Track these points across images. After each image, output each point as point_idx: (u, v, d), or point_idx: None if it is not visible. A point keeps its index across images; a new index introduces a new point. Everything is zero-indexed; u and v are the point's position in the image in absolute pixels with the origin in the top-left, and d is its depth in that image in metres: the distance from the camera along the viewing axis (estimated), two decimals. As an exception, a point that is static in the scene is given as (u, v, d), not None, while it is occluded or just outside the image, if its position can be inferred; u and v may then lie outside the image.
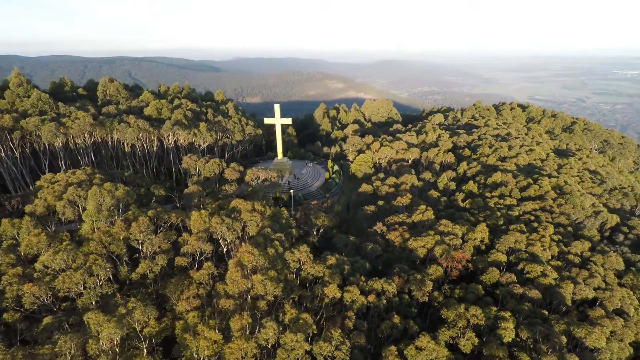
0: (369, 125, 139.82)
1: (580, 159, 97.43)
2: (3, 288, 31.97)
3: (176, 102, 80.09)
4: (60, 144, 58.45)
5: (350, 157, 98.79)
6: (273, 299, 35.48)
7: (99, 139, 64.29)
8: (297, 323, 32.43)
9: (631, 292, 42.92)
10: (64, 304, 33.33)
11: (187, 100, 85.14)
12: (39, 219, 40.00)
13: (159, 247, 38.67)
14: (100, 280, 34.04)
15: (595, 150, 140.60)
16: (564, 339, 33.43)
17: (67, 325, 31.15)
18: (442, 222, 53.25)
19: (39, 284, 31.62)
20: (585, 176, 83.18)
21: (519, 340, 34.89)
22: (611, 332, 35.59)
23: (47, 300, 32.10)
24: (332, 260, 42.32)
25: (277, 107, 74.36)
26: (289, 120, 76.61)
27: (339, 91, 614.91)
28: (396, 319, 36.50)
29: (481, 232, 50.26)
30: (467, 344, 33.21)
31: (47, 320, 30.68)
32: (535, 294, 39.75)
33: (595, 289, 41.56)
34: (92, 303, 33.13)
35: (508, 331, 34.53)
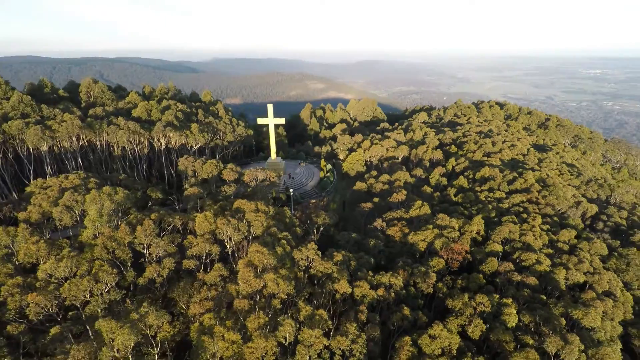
0: (356, 124, 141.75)
1: (557, 153, 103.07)
2: (4, 299, 30.43)
3: (164, 103, 78.19)
4: (46, 148, 55.84)
5: (341, 156, 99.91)
6: (286, 296, 35.67)
7: (86, 142, 61.84)
8: (313, 319, 32.80)
9: (615, 275, 46.07)
10: (71, 313, 32.09)
11: (175, 101, 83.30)
12: (34, 225, 38.16)
13: (165, 250, 37.87)
14: (107, 286, 32.99)
15: (568, 144, 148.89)
16: (563, 321, 35.61)
17: (72, 334, 30.09)
18: (440, 216, 55.05)
19: (43, 294, 30.30)
20: (563, 169, 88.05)
21: (521, 324, 36.76)
22: (603, 312, 38.14)
23: (52, 309, 30.82)
24: (338, 256, 42.93)
25: (270, 107, 74.17)
26: (282, 120, 76.60)
27: (319, 91, 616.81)
28: (406, 311, 37.55)
29: (477, 225, 52.39)
30: (476, 330, 34.72)
31: (54, 330, 29.49)
32: (532, 280, 41.99)
33: (585, 273, 44.35)
34: (100, 310, 32.08)
35: (511, 316, 36.33)
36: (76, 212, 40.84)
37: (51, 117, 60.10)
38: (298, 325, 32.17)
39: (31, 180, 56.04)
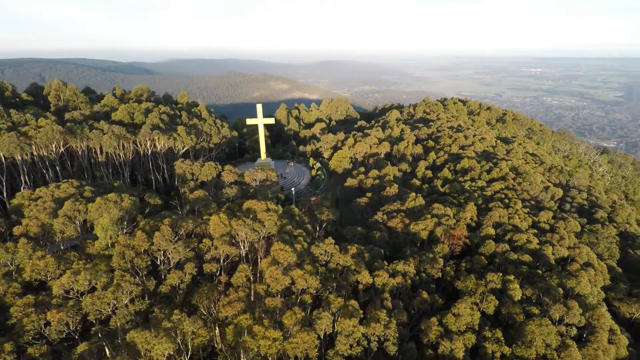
0: (334, 123, 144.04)
1: (520, 144, 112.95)
2: (18, 320, 27.90)
3: (144, 105, 74.33)
4: (22, 157, 50.97)
5: (326, 155, 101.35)
6: (314, 291, 36.34)
7: (62, 149, 57.15)
8: (345, 310, 33.83)
9: (589, 249, 52.26)
10: (94, 328, 30.14)
11: (152, 103, 79.49)
12: (33, 239, 35.03)
13: (184, 255, 36.70)
14: (131, 296, 31.43)
15: (524, 136, 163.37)
16: (560, 290, 40.01)
17: (101, 349, 28.45)
18: (435, 206, 58.55)
19: (65, 310, 28.25)
20: (528, 158, 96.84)
21: (525, 297, 40.65)
22: (588, 280, 43.34)
23: (75, 326, 28.81)
24: (353, 249, 44.29)
25: (259, 107, 73.53)
26: (271, 120, 76.24)
27: (284, 92, 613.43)
28: (425, 295, 39.94)
29: (470, 211, 56.55)
30: (490, 306, 37.93)
31: (82, 347, 27.69)
32: (526, 257, 46.48)
33: (567, 248, 49.87)
34: (126, 323, 30.51)
35: (516, 291, 40.10)
36: (77, 222, 38.10)
37: (22, 122, 54.90)
38: (332, 317, 33.03)
39: (4, 193, 50.89)
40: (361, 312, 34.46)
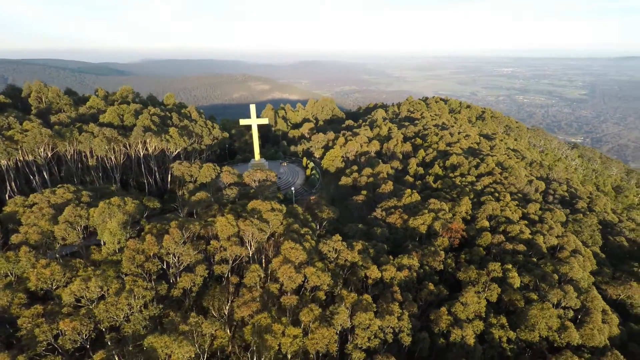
0: (321, 122, 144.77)
1: (501, 140, 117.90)
2: (29, 331, 26.71)
3: (133, 106, 72.09)
4: (7, 162, 48.40)
5: (317, 154, 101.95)
6: (327, 288, 36.81)
7: (51, 153, 54.62)
8: (360, 304, 34.53)
9: (575, 237, 55.63)
10: (107, 336, 29.28)
11: (139, 105, 77.18)
12: (34, 248, 33.48)
13: (194, 258, 36.21)
14: (145, 302, 30.74)
15: (502, 133, 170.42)
16: (555, 276, 42.49)
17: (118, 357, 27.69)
18: (431, 201, 60.40)
19: (79, 319, 27.30)
20: (510, 154, 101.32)
21: (523, 284, 42.86)
22: (578, 266, 46.21)
23: (89, 334, 27.89)
24: (358, 246, 45.12)
25: (252, 108, 73.05)
26: (265, 120, 75.94)
27: (264, 92, 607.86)
28: (431, 286, 41.30)
29: (465, 205, 58.76)
30: (493, 294, 39.78)
31: (99, 356, 26.85)
32: (521, 247, 48.95)
33: (556, 237, 52.85)
34: (141, 328, 29.83)
35: (515, 279, 42.24)
36: (79, 228, 36.74)
37: (5, 126, 52.08)
38: (349, 312, 33.63)
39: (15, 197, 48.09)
40: (374, 305, 35.25)
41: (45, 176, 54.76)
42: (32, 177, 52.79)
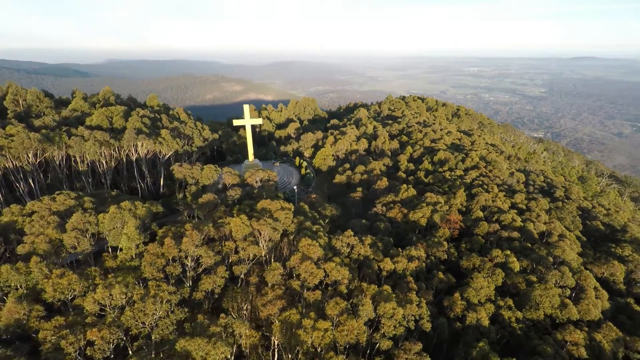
0: (306, 122, 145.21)
1: (479, 135, 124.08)
2: (54, 345, 25.44)
3: (120, 108, 69.19)
4: (-8, 170, 45.14)
5: (306, 153, 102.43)
6: (347, 281, 37.65)
7: (40, 158, 51.40)
8: (381, 295, 35.68)
9: (559, 223, 60.13)
10: (136, 343, 28.40)
11: (125, 107, 74.11)
12: (43, 258, 31.69)
13: (214, 259, 35.78)
14: (171, 306, 30.09)
15: (477, 129, 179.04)
16: (550, 259, 45.92)
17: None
18: (428, 195, 62.89)
19: (108, 328, 26.34)
20: (490, 148, 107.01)
21: (522, 268, 45.94)
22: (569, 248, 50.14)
23: (117, 343, 26.96)
24: (368, 240, 46.37)
25: (246, 108, 72.31)
26: (259, 121, 75.42)
27: (238, 93, 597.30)
28: (441, 275, 43.30)
29: (460, 197, 61.76)
30: (498, 278, 42.36)
31: (132, 363, 26.11)
32: (516, 234, 52.33)
33: (544, 223, 56.91)
34: (170, 333, 29.21)
35: (515, 263, 45.24)
36: (87, 235, 35.14)
37: (-14, 131, 48.49)
38: (373, 303, 34.64)
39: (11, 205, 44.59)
40: (394, 295, 36.54)
41: (31, 183, 51.49)
42: (16, 184, 49.45)
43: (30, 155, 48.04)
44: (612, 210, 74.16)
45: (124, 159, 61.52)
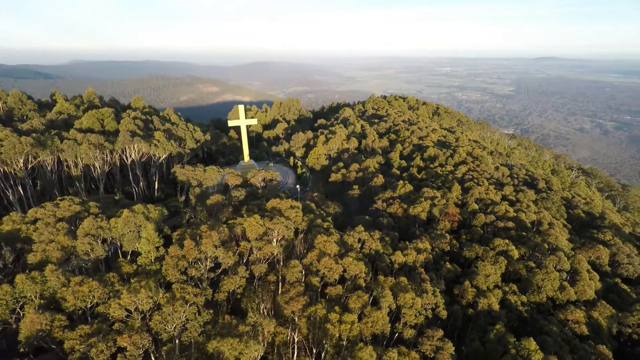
0: (293, 122, 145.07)
1: (462, 132, 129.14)
2: (83, 354, 24.51)
3: (108, 110, 66.61)
4: (-21, 177, 42.32)
5: (298, 153, 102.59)
6: (365, 275, 38.52)
7: (32, 163, 48.57)
8: (398, 286, 36.84)
9: (547, 212, 64.10)
10: (164, 347, 27.79)
11: (112, 109, 71.36)
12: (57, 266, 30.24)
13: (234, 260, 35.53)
14: (198, 308, 29.68)
15: (457, 127, 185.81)
16: (546, 246, 49.01)
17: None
18: (425, 190, 65.06)
19: (139, 333, 25.69)
20: (473, 145, 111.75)
21: (521, 255, 48.74)
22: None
23: (147, 348, 26.35)
24: (377, 235, 47.48)
25: (241, 108, 71.80)
26: (254, 121, 75.06)
27: (214, 95, 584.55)
28: (448, 265, 45.16)
29: (456, 191, 64.33)
30: (502, 265, 44.74)
31: (166, 368, 25.64)
32: (511, 224, 55.35)
33: (534, 213, 60.49)
34: (198, 335, 28.83)
35: (514, 251, 47.96)
36: (99, 241, 33.85)
37: (-31, 136, 45.40)
38: (393, 294, 35.69)
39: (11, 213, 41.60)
40: (410, 286, 37.81)
41: (21, 190, 48.62)
42: (5, 192, 46.55)
43: (21, 161, 45.35)
44: (589, 199, 79.82)
45: (118, 163, 59.30)
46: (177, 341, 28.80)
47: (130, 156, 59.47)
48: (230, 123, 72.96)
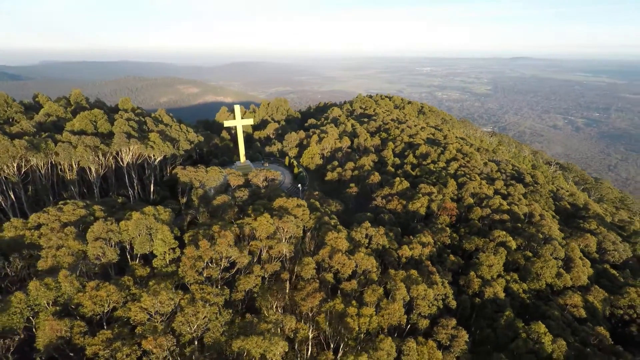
0: (283, 122, 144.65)
1: (449, 130, 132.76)
2: (108, 359, 23.97)
3: (99, 112, 64.52)
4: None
5: (291, 153, 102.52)
6: (376, 269, 39.31)
7: (27, 167, 46.44)
8: (410, 279, 37.85)
9: (537, 204, 67.15)
10: (187, 349, 27.50)
11: (102, 110, 69.16)
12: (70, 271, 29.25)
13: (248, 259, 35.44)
14: (219, 308, 29.51)
15: (442, 125, 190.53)
16: (540, 236, 51.46)
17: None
18: (421, 186, 66.73)
19: (163, 336, 25.34)
20: (461, 142, 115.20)
21: (517, 245, 50.94)
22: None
23: (172, 348, 26.03)
24: (381, 231, 48.44)
25: (237, 108, 71.21)
26: (250, 121, 74.61)
27: (195, 96, 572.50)
28: (452, 257, 46.67)
29: (452, 186, 66.33)
30: (502, 256, 46.66)
31: (192, 368, 25.45)
32: (506, 216, 57.72)
33: (526, 206, 63.26)
34: (220, 335, 28.69)
35: (512, 242, 50.10)
36: (110, 244, 32.98)
37: (-45, 140, 43.03)
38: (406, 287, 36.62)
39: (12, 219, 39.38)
40: (420, 279, 38.91)
41: (13, 196, 46.47)
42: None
43: (14, 165, 43.36)
44: (571, 192, 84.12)
45: (113, 165, 57.61)
46: (196, 342, 28.67)
47: (126, 158, 57.89)
48: (227, 123, 72.24)
